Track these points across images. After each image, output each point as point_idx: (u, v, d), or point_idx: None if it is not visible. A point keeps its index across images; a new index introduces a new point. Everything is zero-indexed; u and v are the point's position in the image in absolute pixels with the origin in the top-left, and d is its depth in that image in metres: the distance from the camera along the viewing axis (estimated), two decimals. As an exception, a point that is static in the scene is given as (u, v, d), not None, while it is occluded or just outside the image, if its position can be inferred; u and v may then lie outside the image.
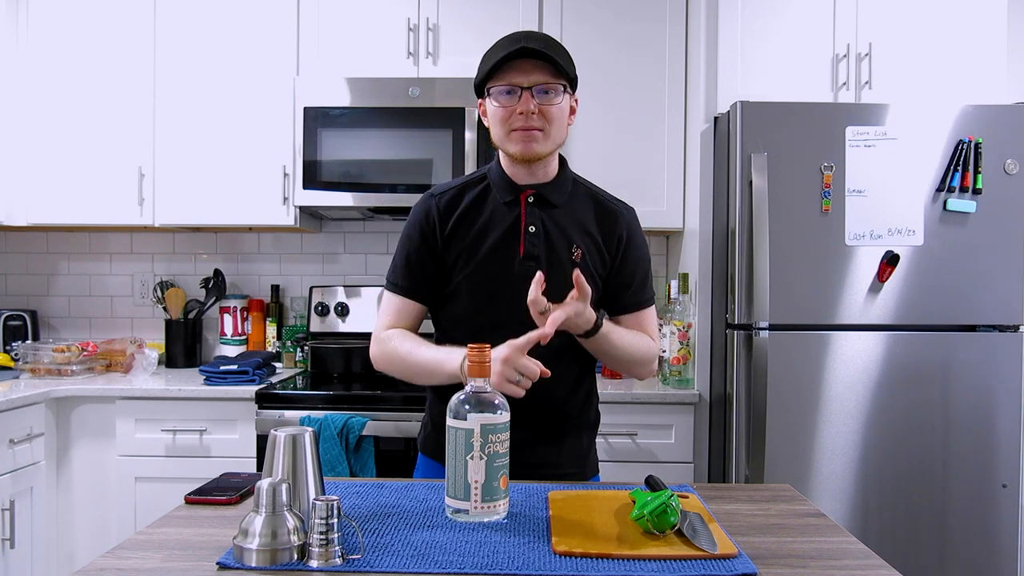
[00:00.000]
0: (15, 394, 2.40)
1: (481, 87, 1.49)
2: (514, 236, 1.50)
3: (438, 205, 1.53)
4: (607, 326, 1.47)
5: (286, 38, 2.85)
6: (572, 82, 1.47)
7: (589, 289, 1.37)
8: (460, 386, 1.25)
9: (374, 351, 1.56)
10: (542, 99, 1.43)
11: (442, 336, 1.58)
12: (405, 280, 1.55)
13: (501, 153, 1.53)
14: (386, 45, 2.84)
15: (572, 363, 1.54)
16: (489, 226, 1.51)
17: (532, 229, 1.50)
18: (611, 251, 1.55)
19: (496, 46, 1.46)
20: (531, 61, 1.42)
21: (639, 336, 1.57)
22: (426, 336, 1.56)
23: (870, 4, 2.57)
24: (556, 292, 1.46)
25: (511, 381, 1.29)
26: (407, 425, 2.42)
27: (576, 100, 1.51)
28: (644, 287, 1.61)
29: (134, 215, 2.87)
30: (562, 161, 1.57)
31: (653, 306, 1.64)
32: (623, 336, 1.52)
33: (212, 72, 2.86)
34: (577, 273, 1.35)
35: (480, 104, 1.52)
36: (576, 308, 1.37)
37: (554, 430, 1.54)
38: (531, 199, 1.51)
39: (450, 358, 1.41)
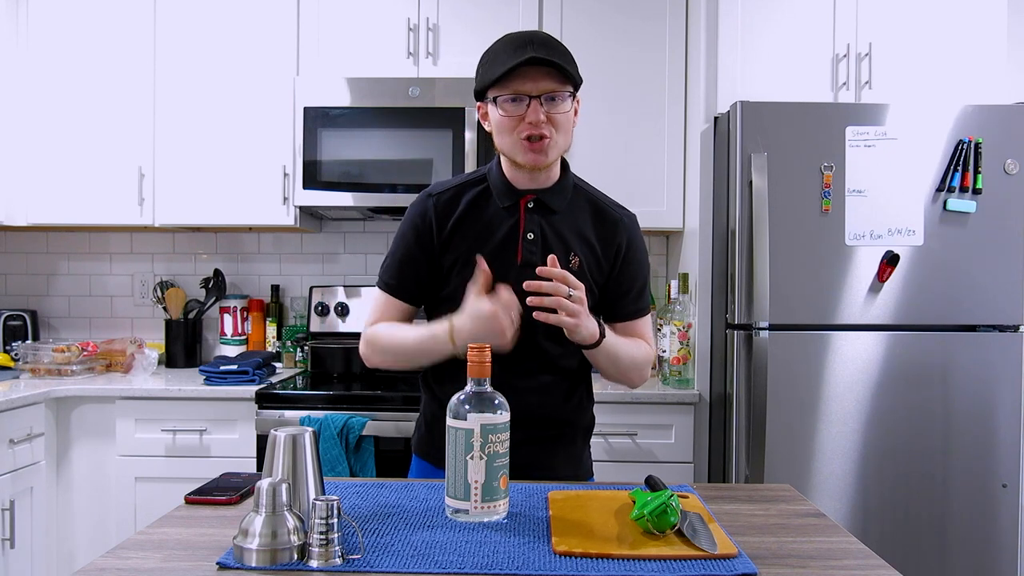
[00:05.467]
0: (15, 394, 2.40)
1: (483, 91, 1.44)
2: (512, 242, 1.48)
3: (435, 205, 1.51)
4: (610, 337, 1.46)
5: (286, 38, 2.85)
6: (578, 86, 1.44)
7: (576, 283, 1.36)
8: (458, 376, 1.24)
9: (363, 349, 1.55)
10: (550, 107, 1.40)
11: None
12: (396, 280, 1.54)
13: (503, 157, 1.50)
14: (386, 45, 2.84)
15: (566, 372, 1.53)
16: (487, 231, 1.49)
17: (530, 236, 1.48)
18: (609, 259, 1.53)
19: (498, 49, 1.42)
20: (538, 68, 1.38)
21: (636, 342, 1.56)
22: None
23: (870, 4, 2.57)
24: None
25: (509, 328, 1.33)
26: (407, 425, 2.41)
27: (579, 100, 1.47)
28: (641, 296, 1.60)
29: (134, 215, 2.87)
30: (564, 165, 1.54)
31: (649, 315, 1.64)
32: (624, 346, 1.51)
33: (212, 72, 2.86)
34: (551, 258, 1.35)
35: (479, 107, 1.48)
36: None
37: (547, 434, 1.52)
38: (531, 204, 1.49)
39: (439, 328, 1.41)
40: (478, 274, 1.38)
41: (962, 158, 2.33)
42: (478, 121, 1.52)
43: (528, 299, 1.33)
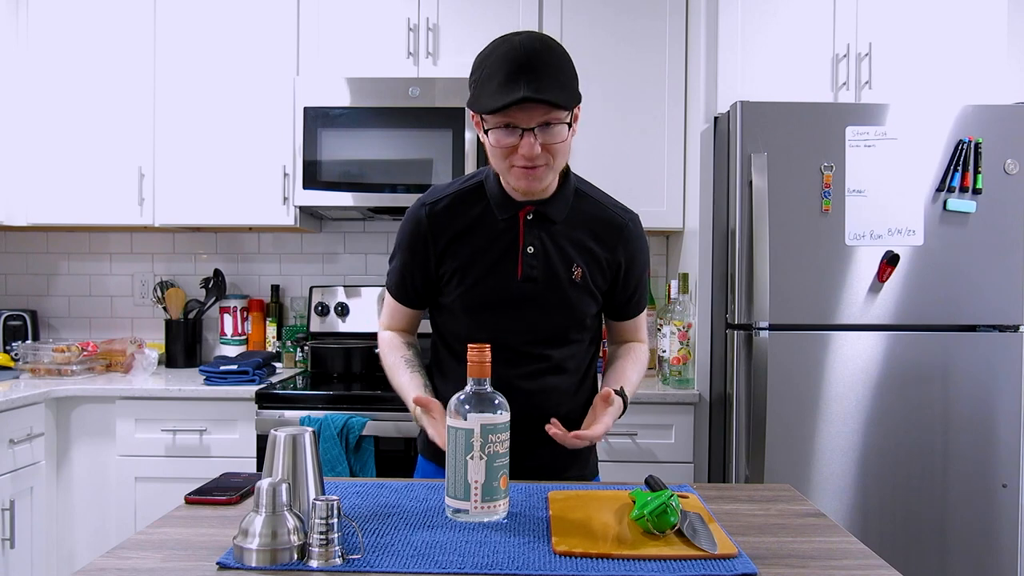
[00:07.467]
0: (15, 394, 2.40)
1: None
2: (512, 256, 1.45)
3: (429, 216, 1.47)
4: (629, 390, 1.50)
5: (286, 38, 2.85)
6: (577, 103, 1.34)
7: (611, 394, 1.40)
8: (462, 377, 1.24)
9: (379, 348, 1.62)
10: (545, 136, 1.32)
11: (439, 340, 1.57)
12: (397, 288, 1.56)
13: None
14: (386, 45, 2.84)
15: (571, 373, 1.53)
16: (486, 245, 1.45)
17: (531, 250, 1.44)
18: (614, 266, 1.51)
19: (491, 70, 1.31)
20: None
21: (636, 361, 1.59)
22: (424, 336, 1.58)
23: (870, 4, 2.57)
24: (553, 311, 1.47)
25: None
26: (407, 425, 2.42)
27: (578, 109, 1.38)
28: (643, 296, 1.61)
29: (134, 215, 2.87)
30: (564, 171, 1.48)
31: (646, 309, 1.65)
32: (634, 380, 1.55)
33: (212, 72, 2.86)
34: (607, 392, 1.39)
35: (472, 115, 1.40)
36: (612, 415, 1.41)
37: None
38: (530, 216, 1.45)
39: (408, 396, 1.45)
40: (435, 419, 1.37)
41: (962, 158, 2.33)
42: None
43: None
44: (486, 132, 1.35)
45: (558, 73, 1.31)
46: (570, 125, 1.35)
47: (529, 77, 1.27)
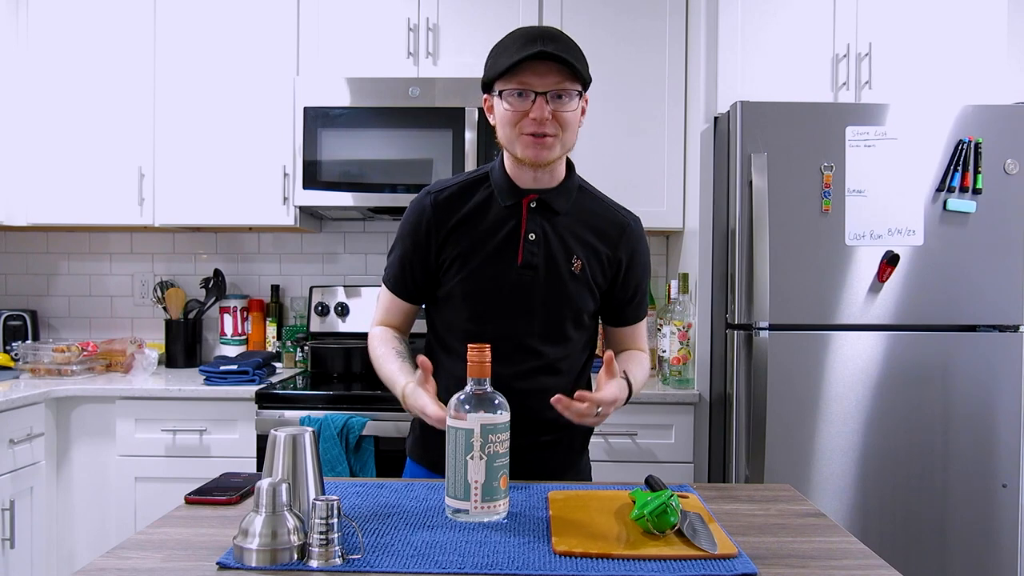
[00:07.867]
0: (15, 394, 2.40)
1: (489, 83, 1.41)
2: (513, 243, 1.46)
3: (434, 203, 1.48)
4: (632, 381, 1.47)
5: (286, 38, 2.85)
6: (587, 84, 1.40)
7: (619, 368, 1.38)
8: (455, 378, 1.24)
9: (369, 342, 1.60)
10: (556, 104, 1.36)
11: (434, 338, 1.57)
12: (395, 280, 1.55)
13: (506, 154, 1.47)
14: (386, 45, 2.84)
15: (567, 375, 1.53)
16: (488, 231, 1.46)
17: (532, 237, 1.45)
18: (614, 265, 1.52)
19: (508, 42, 1.38)
20: (547, 63, 1.34)
21: (639, 364, 1.58)
22: (419, 336, 1.57)
23: (870, 4, 2.57)
24: (551, 302, 1.47)
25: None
26: (407, 425, 2.40)
27: (586, 99, 1.43)
28: (643, 301, 1.61)
29: (134, 215, 2.87)
30: (569, 165, 1.51)
31: (646, 318, 1.65)
32: (637, 375, 1.53)
33: (212, 72, 2.86)
34: (609, 355, 1.36)
35: (485, 100, 1.44)
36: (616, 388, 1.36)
37: (549, 438, 1.52)
38: (533, 205, 1.46)
39: (397, 381, 1.44)
40: (421, 375, 1.33)
41: (962, 158, 2.33)
42: (478, 121, 1.50)
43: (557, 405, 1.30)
44: (499, 95, 1.38)
45: (574, 50, 1.38)
46: (581, 94, 1.40)
47: (546, 40, 1.35)
